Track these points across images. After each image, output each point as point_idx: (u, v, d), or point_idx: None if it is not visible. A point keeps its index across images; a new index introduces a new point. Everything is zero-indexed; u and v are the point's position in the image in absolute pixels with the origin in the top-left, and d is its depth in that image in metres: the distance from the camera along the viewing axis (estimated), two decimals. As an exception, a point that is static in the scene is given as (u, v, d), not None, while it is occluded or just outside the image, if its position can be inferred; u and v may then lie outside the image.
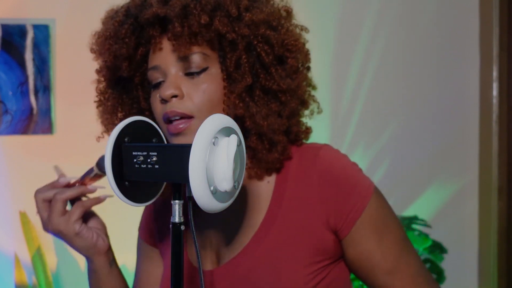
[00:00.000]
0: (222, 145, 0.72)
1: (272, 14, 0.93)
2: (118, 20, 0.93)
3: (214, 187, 0.72)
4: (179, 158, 0.73)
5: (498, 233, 2.40)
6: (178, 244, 0.77)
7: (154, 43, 0.91)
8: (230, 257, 0.95)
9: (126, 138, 0.78)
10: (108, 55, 0.94)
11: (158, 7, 0.88)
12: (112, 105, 1.00)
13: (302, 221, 0.91)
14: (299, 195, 0.92)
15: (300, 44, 0.96)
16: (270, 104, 0.91)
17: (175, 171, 0.74)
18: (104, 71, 0.98)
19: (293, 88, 0.93)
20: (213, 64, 0.90)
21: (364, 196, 0.91)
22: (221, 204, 0.75)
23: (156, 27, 0.90)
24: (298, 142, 0.98)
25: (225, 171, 0.71)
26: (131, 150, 0.77)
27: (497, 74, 2.42)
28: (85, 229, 0.96)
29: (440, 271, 2.18)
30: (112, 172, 0.76)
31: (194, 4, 0.88)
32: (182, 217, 0.77)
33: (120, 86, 1.00)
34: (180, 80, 0.89)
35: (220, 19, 0.87)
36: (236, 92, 0.89)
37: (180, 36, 0.87)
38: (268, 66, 0.91)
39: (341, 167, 0.93)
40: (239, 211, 0.96)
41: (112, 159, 0.76)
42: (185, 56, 0.88)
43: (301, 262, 0.90)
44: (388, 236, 0.93)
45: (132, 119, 0.80)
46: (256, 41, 0.90)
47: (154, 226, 1.09)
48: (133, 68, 0.95)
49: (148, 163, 0.75)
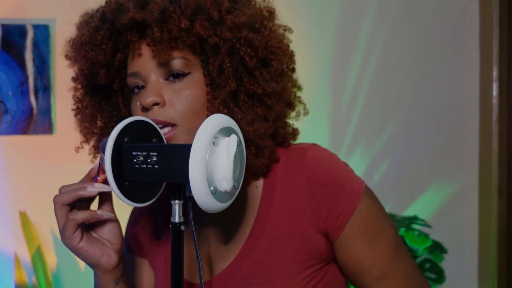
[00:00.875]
0: (222, 145, 0.72)
1: (255, 15, 0.90)
2: (93, 26, 0.89)
3: (214, 187, 0.71)
4: (179, 158, 0.73)
5: (498, 233, 2.40)
6: (178, 244, 0.77)
7: (133, 49, 0.88)
8: (222, 267, 0.94)
9: (126, 138, 0.78)
10: (85, 62, 0.90)
11: (135, 12, 0.85)
12: (91, 113, 0.96)
13: (293, 225, 0.89)
14: (288, 199, 0.90)
15: (284, 46, 0.93)
16: (255, 109, 0.88)
17: (175, 171, 0.73)
18: (81, 79, 0.95)
19: (278, 91, 0.90)
20: (195, 69, 0.87)
21: (353, 198, 0.89)
22: (221, 204, 0.74)
23: (134, 32, 0.87)
24: (285, 145, 0.96)
25: (225, 171, 0.71)
26: (131, 150, 0.76)
27: (497, 74, 2.42)
28: (87, 245, 0.83)
29: (440, 271, 2.18)
30: (112, 172, 0.75)
31: (173, 8, 0.85)
32: (182, 217, 0.77)
33: (98, 93, 0.96)
34: (161, 87, 0.86)
35: (201, 23, 0.84)
36: (220, 97, 0.86)
37: (160, 42, 0.84)
38: (252, 70, 0.88)
39: (329, 169, 0.90)
40: (227, 219, 0.94)
41: (112, 159, 0.76)
42: (166, 61, 0.85)
43: (294, 268, 0.89)
44: (379, 240, 0.91)
45: (132, 119, 0.80)
46: (239, 45, 0.87)
47: (141, 237, 1.06)
48: (112, 74, 0.92)
49: (148, 163, 0.75)
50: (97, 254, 0.84)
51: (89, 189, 0.80)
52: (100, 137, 0.97)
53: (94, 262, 0.85)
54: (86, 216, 0.82)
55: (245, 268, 0.91)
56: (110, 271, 0.87)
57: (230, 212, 0.90)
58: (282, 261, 0.89)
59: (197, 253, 0.76)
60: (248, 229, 0.92)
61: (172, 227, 0.77)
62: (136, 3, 0.87)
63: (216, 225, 0.96)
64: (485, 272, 2.48)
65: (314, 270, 0.90)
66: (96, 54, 0.88)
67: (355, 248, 0.90)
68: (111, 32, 0.89)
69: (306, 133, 2.73)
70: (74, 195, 0.80)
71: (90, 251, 0.83)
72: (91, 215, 0.82)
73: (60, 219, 0.82)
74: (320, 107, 2.43)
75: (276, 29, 0.94)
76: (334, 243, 0.90)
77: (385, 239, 0.91)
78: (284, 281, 0.88)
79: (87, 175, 0.84)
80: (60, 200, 0.81)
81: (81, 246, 0.82)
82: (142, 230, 1.06)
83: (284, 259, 0.89)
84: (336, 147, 2.44)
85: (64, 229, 0.81)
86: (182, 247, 0.77)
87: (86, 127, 0.97)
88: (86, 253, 0.83)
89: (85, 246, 0.83)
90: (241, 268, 0.91)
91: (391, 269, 0.91)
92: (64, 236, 0.82)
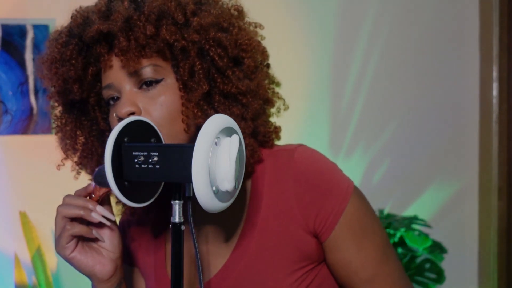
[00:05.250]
0: (224, 145, 0.72)
1: (222, 15, 0.89)
2: (61, 42, 0.89)
3: (216, 187, 0.72)
4: (181, 158, 0.73)
5: (498, 233, 2.40)
6: (178, 244, 0.77)
7: (104, 61, 0.87)
8: (212, 273, 0.93)
9: (126, 138, 0.78)
10: (57, 79, 0.89)
11: (100, 23, 0.84)
12: (70, 130, 0.95)
13: (282, 228, 0.89)
14: (276, 202, 0.90)
15: (254, 42, 0.92)
16: (232, 108, 0.88)
17: (177, 171, 0.73)
18: (56, 96, 0.94)
19: (253, 88, 0.89)
20: (168, 75, 0.86)
21: (341, 200, 0.88)
22: (222, 204, 0.75)
23: (103, 44, 0.86)
24: (269, 144, 0.95)
25: (227, 171, 0.71)
26: (131, 150, 0.76)
27: (497, 74, 2.42)
28: (79, 255, 0.84)
29: (440, 271, 2.18)
30: (112, 172, 0.75)
31: (138, 15, 0.84)
32: (182, 217, 0.77)
33: (76, 109, 0.95)
34: (136, 96, 0.85)
35: (167, 28, 0.84)
36: (194, 101, 0.85)
37: (127, 51, 0.83)
38: (224, 70, 0.87)
39: (317, 169, 0.90)
40: (216, 224, 0.94)
41: (112, 159, 0.76)
42: (136, 70, 0.84)
43: (285, 270, 0.88)
44: (367, 243, 0.90)
45: (132, 119, 0.80)
46: (208, 46, 0.86)
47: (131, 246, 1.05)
48: (86, 89, 0.91)
49: (149, 163, 0.75)
50: (89, 264, 0.85)
51: (94, 216, 0.82)
52: (82, 153, 0.96)
53: (88, 272, 0.86)
54: (82, 231, 0.84)
55: (235, 274, 0.91)
56: (105, 280, 0.87)
57: (220, 216, 0.89)
58: (273, 263, 0.89)
59: (196, 253, 0.76)
60: (237, 233, 0.92)
61: (172, 227, 0.77)
62: (100, 14, 0.87)
63: (206, 229, 0.95)
64: (485, 272, 2.48)
65: (305, 271, 0.90)
66: (67, 70, 0.88)
67: (344, 251, 0.89)
68: (80, 47, 0.88)
69: (306, 133, 2.73)
70: (77, 214, 0.82)
71: (82, 261, 0.85)
72: (87, 232, 0.84)
73: (58, 229, 0.84)
74: (320, 107, 2.43)
75: (246, 27, 0.93)
76: (323, 244, 0.90)
77: (373, 242, 0.91)
78: (276, 284, 0.88)
79: (84, 190, 0.85)
80: (63, 212, 0.83)
81: (73, 256, 0.84)
82: (132, 241, 1.06)
83: (275, 262, 0.89)
84: (336, 147, 2.44)
85: (59, 238, 0.84)
86: (182, 247, 0.77)
87: (66, 144, 0.96)
88: (78, 262, 0.85)
89: (77, 256, 0.84)
90: (231, 274, 0.91)
91: (380, 273, 0.90)
92: (58, 245, 0.84)
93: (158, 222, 1.02)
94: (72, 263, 0.85)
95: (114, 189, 0.76)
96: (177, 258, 0.77)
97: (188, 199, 0.75)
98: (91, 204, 0.83)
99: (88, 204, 0.83)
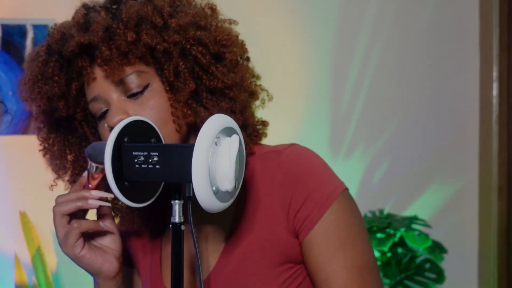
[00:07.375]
0: (224, 145, 0.72)
1: (198, 14, 0.90)
2: (41, 60, 0.88)
3: (216, 187, 0.72)
4: (181, 158, 0.73)
5: (498, 233, 2.40)
6: (178, 244, 0.77)
7: (86, 74, 0.86)
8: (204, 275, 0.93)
9: (126, 138, 0.78)
10: (41, 98, 0.88)
11: (79, 36, 0.84)
12: (59, 149, 0.95)
13: (268, 230, 0.89)
14: (263, 204, 0.90)
15: (233, 37, 0.93)
16: (220, 103, 0.88)
17: (177, 171, 0.74)
18: (41, 117, 0.93)
19: (238, 81, 0.90)
20: (153, 79, 0.87)
21: (321, 205, 0.87)
22: (222, 204, 0.75)
23: (84, 57, 0.86)
24: (258, 137, 0.95)
25: (227, 171, 0.71)
26: (131, 150, 0.76)
27: (497, 74, 2.42)
28: (88, 253, 0.84)
29: (440, 271, 2.18)
30: (112, 172, 0.75)
31: (117, 23, 0.84)
32: (182, 217, 0.77)
33: (62, 128, 0.95)
34: (125, 104, 0.85)
35: (147, 32, 0.84)
36: (182, 100, 0.86)
37: (110, 60, 0.83)
38: (208, 67, 0.88)
39: (302, 172, 0.88)
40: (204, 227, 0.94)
41: (112, 159, 0.76)
42: (121, 79, 0.85)
43: (272, 272, 0.88)
44: (341, 257, 0.86)
45: (131, 119, 0.79)
46: (189, 45, 0.87)
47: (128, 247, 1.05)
48: (71, 105, 0.90)
49: (149, 163, 0.75)
50: (99, 262, 0.85)
51: (91, 202, 0.82)
52: (73, 171, 0.96)
53: (96, 270, 0.85)
54: (90, 226, 0.84)
55: (224, 276, 0.91)
56: (111, 278, 0.87)
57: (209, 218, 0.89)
58: (260, 266, 0.89)
59: (196, 253, 0.76)
60: (224, 236, 0.92)
61: (172, 227, 0.77)
62: (79, 27, 0.87)
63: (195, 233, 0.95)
64: (485, 272, 2.48)
65: (293, 272, 0.89)
66: (50, 87, 0.87)
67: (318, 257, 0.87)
68: (60, 63, 0.87)
69: (306, 133, 2.74)
70: (75, 206, 0.81)
71: (92, 259, 0.84)
72: (95, 225, 0.84)
73: (60, 229, 0.83)
74: (320, 107, 2.43)
75: (221, 24, 0.94)
76: (301, 244, 0.89)
77: (349, 258, 0.86)
78: (263, 286, 0.88)
79: (78, 184, 0.85)
80: (60, 210, 0.82)
81: (83, 254, 0.83)
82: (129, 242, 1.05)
83: (261, 264, 0.89)
84: (336, 147, 2.44)
85: (66, 238, 0.82)
86: (182, 247, 0.77)
87: (56, 164, 0.96)
88: (88, 261, 0.84)
89: (87, 254, 0.84)
90: (218, 279, 0.91)
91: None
92: (66, 245, 0.83)
93: (155, 224, 1.02)
94: (82, 262, 0.84)
95: (114, 189, 0.76)
96: (177, 258, 0.77)
97: (188, 199, 0.75)
98: (85, 192, 0.82)
99: (82, 193, 0.82)
